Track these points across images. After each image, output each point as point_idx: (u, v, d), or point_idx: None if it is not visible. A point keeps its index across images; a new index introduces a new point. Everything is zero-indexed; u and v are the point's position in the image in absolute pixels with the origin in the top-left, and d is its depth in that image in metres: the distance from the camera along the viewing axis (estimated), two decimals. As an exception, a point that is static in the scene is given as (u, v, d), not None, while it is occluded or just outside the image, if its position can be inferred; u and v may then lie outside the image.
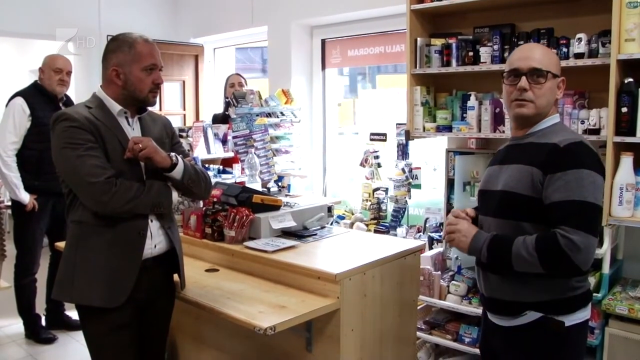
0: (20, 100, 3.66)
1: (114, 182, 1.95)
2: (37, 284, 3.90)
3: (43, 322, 3.98)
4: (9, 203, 3.92)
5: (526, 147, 1.86)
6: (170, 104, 5.59)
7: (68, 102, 3.91)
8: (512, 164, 1.87)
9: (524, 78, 1.83)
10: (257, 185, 3.37)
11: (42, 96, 3.74)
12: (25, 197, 3.65)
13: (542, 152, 1.79)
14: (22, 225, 3.79)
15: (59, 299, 2.11)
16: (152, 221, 2.11)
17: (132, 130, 2.13)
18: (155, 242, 2.13)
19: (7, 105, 3.69)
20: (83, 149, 1.93)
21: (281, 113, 3.86)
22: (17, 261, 3.82)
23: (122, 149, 2.03)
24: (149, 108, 2.21)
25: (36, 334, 3.88)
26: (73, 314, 3.97)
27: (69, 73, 3.81)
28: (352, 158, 4.34)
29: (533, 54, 1.85)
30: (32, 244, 3.81)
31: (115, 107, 2.08)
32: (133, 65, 2.04)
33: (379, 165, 3.97)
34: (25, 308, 3.88)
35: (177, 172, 2.09)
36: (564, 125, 1.93)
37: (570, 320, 1.81)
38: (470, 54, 3.11)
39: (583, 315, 1.85)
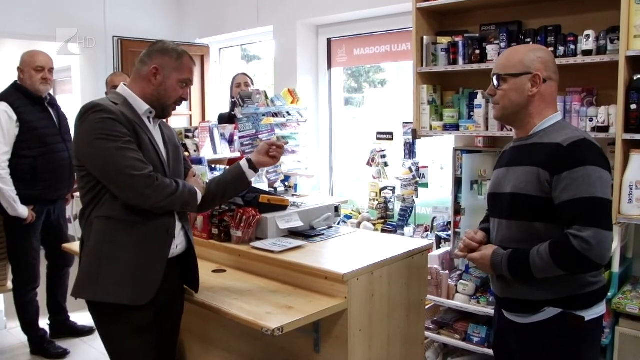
0: (4, 106, 3.34)
1: (155, 177, 1.95)
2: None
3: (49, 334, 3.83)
4: None
5: (531, 148, 1.87)
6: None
7: (53, 101, 3.66)
8: (519, 166, 1.88)
9: (491, 85, 1.95)
10: (263, 185, 3.36)
11: (26, 98, 3.44)
12: (24, 212, 3.42)
13: (546, 152, 1.81)
14: (19, 239, 3.55)
15: (80, 297, 2.02)
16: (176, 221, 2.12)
17: (157, 132, 2.13)
18: (177, 242, 2.13)
19: None
20: (122, 142, 1.92)
21: (287, 113, 3.85)
22: (16, 277, 3.61)
23: (152, 147, 2.03)
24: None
25: (45, 350, 3.67)
26: (77, 319, 3.96)
27: (51, 70, 3.55)
28: (358, 157, 4.33)
29: (498, 61, 1.96)
30: (32, 257, 3.61)
31: (142, 106, 2.06)
32: (174, 72, 2.07)
33: (385, 164, 3.95)
34: (30, 325, 3.69)
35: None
36: (566, 123, 1.95)
37: (589, 315, 1.82)
38: (477, 52, 3.09)
39: (600, 310, 1.86)
